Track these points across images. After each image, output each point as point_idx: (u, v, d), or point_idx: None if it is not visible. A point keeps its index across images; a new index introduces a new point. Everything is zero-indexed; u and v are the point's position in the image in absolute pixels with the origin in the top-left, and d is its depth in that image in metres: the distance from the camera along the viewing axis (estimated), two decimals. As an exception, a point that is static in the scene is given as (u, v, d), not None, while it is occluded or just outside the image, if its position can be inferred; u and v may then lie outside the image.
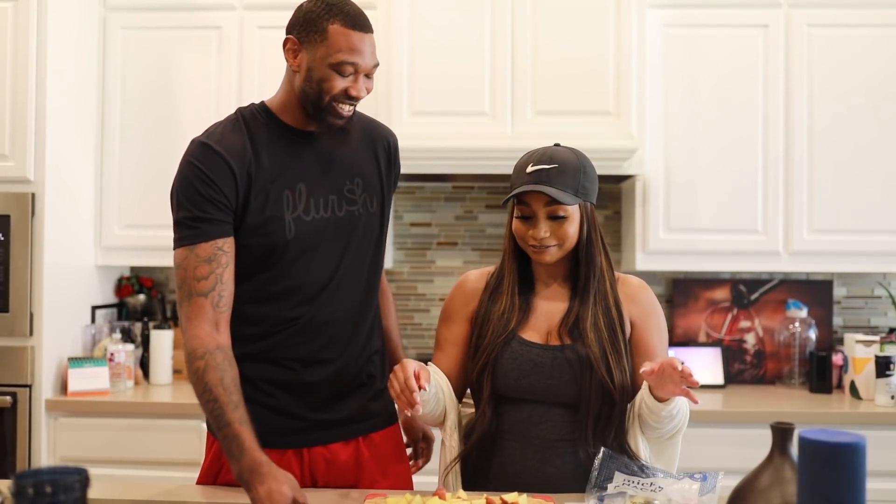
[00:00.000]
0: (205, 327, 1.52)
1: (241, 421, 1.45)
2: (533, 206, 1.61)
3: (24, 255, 2.70)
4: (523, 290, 1.70)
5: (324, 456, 1.67)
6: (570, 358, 1.62)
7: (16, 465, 2.66)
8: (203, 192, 1.55)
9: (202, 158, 1.57)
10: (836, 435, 1.03)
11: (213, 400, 1.47)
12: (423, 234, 3.35)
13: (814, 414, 2.69)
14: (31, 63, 2.71)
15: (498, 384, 1.64)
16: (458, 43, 2.88)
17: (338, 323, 1.66)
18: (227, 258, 1.56)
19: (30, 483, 1.02)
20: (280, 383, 1.65)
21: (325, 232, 1.64)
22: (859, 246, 2.91)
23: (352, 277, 1.68)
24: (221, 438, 1.47)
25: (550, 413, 1.63)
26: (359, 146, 1.73)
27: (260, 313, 1.63)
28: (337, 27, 1.54)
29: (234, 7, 3.02)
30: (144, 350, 3.10)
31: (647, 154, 2.92)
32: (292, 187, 1.61)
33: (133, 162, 3.03)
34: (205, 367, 1.49)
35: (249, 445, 1.43)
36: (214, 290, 1.54)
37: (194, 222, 1.55)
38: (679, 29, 2.95)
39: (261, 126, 1.64)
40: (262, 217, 1.59)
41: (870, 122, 2.91)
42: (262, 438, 1.48)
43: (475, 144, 2.82)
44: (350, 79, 1.57)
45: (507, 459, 1.64)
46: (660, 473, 1.50)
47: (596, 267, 1.65)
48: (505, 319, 1.66)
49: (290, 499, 1.36)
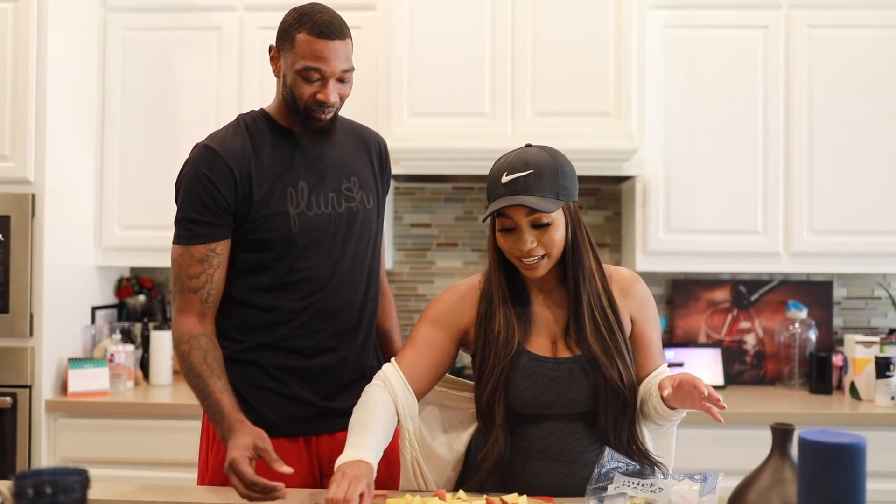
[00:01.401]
0: (192, 318, 1.68)
1: (221, 390, 1.61)
2: (515, 218, 1.53)
3: (24, 255, 2.70)
4: (518, 300, 1.63)
5: (330, 444, 1.75)
6: (583, 367, 1.58)
7: (16, 466, 2.66)
8: (203, 197, 1.66)
9: (204, 162, 1.68)
10: (836, 436, 1.04)
11: (196, 376, 1.63)
12: (423, 234, 3.35)
13: (814, 415, 2.69)
14: (31, 63, 2.71)
15: (514, 404, 1.58)
16: (457, 43, 2.88)
17: (343, 313, 1.76)
18: (218, 260, 1.69)
19: (30, 483, 1.02)
20: (291, 370, 1.73)
21: (328, 226, 1.73)
22: (859, 247, 2.91)
23: (355, 270, 1.77)
24: (206, 408, 1.62)
25: (571, 426, 1.60)
26: (352, 148, 1.83)
27: (271, 304, 1.72)
28: (303, 35, 1.63)
29: (235, 7, 3.02)
30: (144, 351, 3.10)
31: (647, 155, 2.92)
32: (294, 184, 1.71)
33: (133, 162, 3.03)
34: (189, 349, 1.66)
35: (228, 409, 1.58)
36: (204, 288, 1.68)
37: (192, 224, 1.68)
38: (679, 30, 2.95)
39: (261, 129, 1.74)
40: (267, 211, 1.68)
41: (870, 122, 2.91)
42: (273, 427, 1.63)
43: (475, 145, 2.82)
44: (317, 84, 1.65)
45: (532, 477, 1.59)
46: (660, 474, 1.50)
47: (585, 270, 1.59)
48: (507, 337, 1.59)
49: (248, 445, 1.48)
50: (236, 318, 1.74)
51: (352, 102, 1.83)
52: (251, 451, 1.48)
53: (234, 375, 1.70)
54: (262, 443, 1.49)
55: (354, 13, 2.97)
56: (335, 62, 1.63)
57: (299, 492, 1.61)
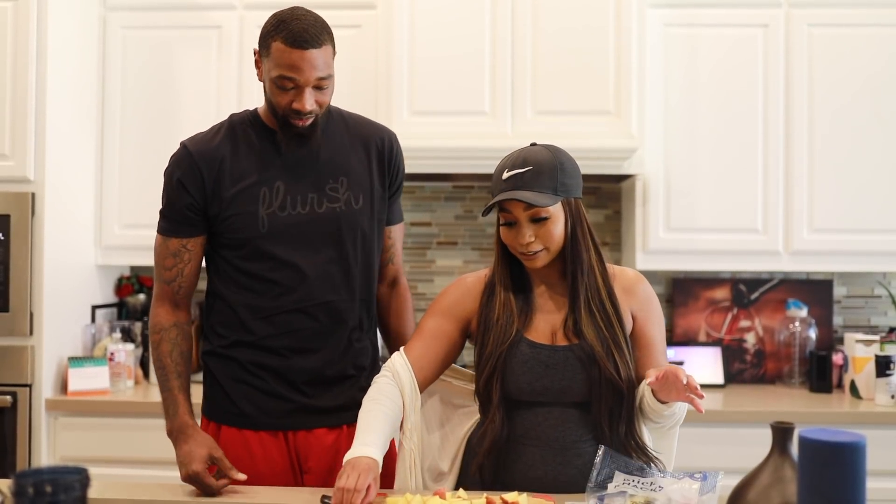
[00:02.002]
0: (166, 307, 1.79)
1: (180, 388, 1.73)
2: (514, 213, 1.60)
3: (24, 254, 2.70)
4: (520, 291, 1.69)
5: (308, 440, 1.77)
6: (580, 357, 1.62)
7: (16, 465, 2.66)
8: (174, 197, 1.75)
9: (178, 162, 1.77)
10: (836, 434, 1.04)
11: (161, 367, 1.75)
12: (423, 233, 3.35)
13: (814, 413, 2.69)
14: (31, 63, 2.71)
15: (509, 388, 1.63)
16: (457, 42, 2.88)
17: (319, 314, 1.76)
18: (189, 255, 1.77)
19: (30, 483, 1.02)
20: (269, 368, 1.77)
21: (301, 227, 1.75)
22: (859, 245, 2.90)
23: (332, 271, 1.77)
24: (163, 399, 1.74)
25: (566, 414, 1.63)
26: (348, 146, 1.83)
27: (246, 302, 1.76)
28: (277, 44, 1.64)
29: (234, 7, 3.02)
30: (144, 350, 3.10)
31: (647, 153, 2.92)
32: (270, 185, 1.74)
33: (133, 161, 3.03)
34: (160, 340, 1.77)
35: (183, 410, 1.71)
36: (175, 280, 1.78)
37: (167, 220, 1.78)
38: (679, 28, 2.95)
39: (247, 129, 1.78)
40: (235, 211, 1.73)
41: (870, 121, 2.91)
42: (252, 420, 1.75)
43: (475, 144, 2.82)
44: (293, 93, 1.66)
45: (527, 465, 1.63)
46: (659, 473, 1.50)
47: (583, 264, 1.64)
48: (506, 324, 1.65)
49: (206, 457, 1.62)
50: (217, 314, 1.81)
51: (352, 101, 1.83)
52: (208, 461, 1.62)
53: (216, 368, 1.80)
54: (216, 452, 1.64)
55: (354, 11, 2.98)
56: (309, 71, 1.64)
57: (301, 490, 1.63)
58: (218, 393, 1.80)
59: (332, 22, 3.02)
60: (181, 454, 1.65)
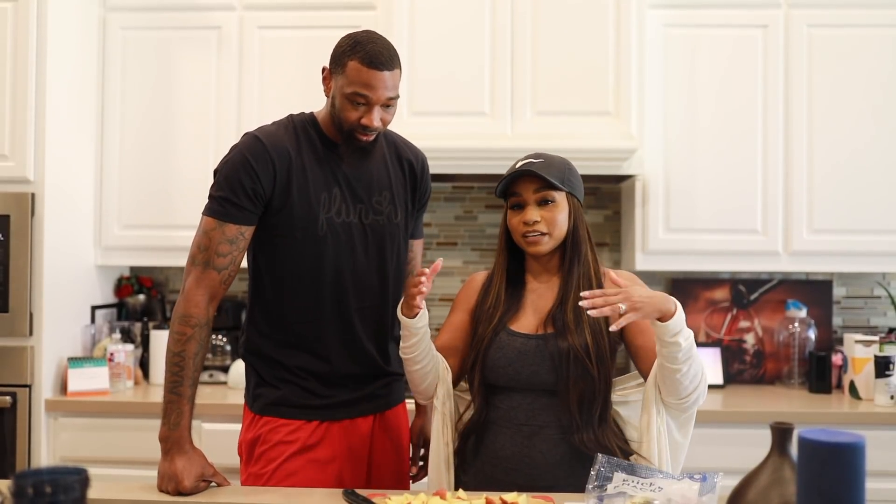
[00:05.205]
0: (206, 297, 1.74)
1: (190, 399, 1.71)
2: (524, 195, 1.74)
3: (24, 255, 2.70)
4: (513, 285, 1.81)
5: (347, 429, 1.87)
6: (551, 346, 1.70)
7: (15, 465, 2.66)
8: (244, 182, 1.74)
9: (250, 150, 1.77)
10: (835, 435, 1.04)
11: (179, 367, 1.71)
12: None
13: (813, 414, 2.69)
14: (31, 63, 2.71)
15: (487, 374, 1.75)
16: (457, 43, 2.88)
17: (364, 315, 1.87)
18: (244, 244, 1.78)
19: (29, 483, 1.01)
20: (312, 372, 1.85)
21: (351, 234, 1.84)
22: (859, 246, 2.91)
23: (376, 277, 1.88)
24: (166, 401, 1.71)
25: (537, 401, 1.71)
26: (389, 163, 1.93)
27: (297, 304, 1.83)
28: (354, 63, 1.72)
29: (234, 7, 3.02)
30: (144, 350, 3.10)
31: (647, 154, 2.92)
32: (329, 190, 1.82)
33: (133, 162, 3.03)
34: (190, 337, 1.72)
35: (185, 422, 1.70)
36: (227, 268, 1.76)
37: (229, 205, 1.75)
38: (679, 29, 2.95)
39: (308, 132, 1.85)
40: (299, 211, 1.79)
41: (869, 122, 2.91)
42: (293, 411, 1.82)
43: (475, 144, 2.82)
44: (363, 109, 1.75)
45: (498, 446, 1.73)
46: (659, 473, 1.50)
47: (581, 253, 1.76)
48: (492, 313, 1.77)
49: (199, 475, 1.65)
50: (261, 314, 1.87)
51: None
52: (199, 479, 1.66)
53: (261, 367, 1.87)
54: (208, 471, 1.69)
55: (354, 12, 2.98)
56: (381, 90, 1.73)
57: (315, 492, 1.66)
58: (268, 391, 1.86)
59: (331, 22, 3.05)
60: (173, 468, 1.65)
